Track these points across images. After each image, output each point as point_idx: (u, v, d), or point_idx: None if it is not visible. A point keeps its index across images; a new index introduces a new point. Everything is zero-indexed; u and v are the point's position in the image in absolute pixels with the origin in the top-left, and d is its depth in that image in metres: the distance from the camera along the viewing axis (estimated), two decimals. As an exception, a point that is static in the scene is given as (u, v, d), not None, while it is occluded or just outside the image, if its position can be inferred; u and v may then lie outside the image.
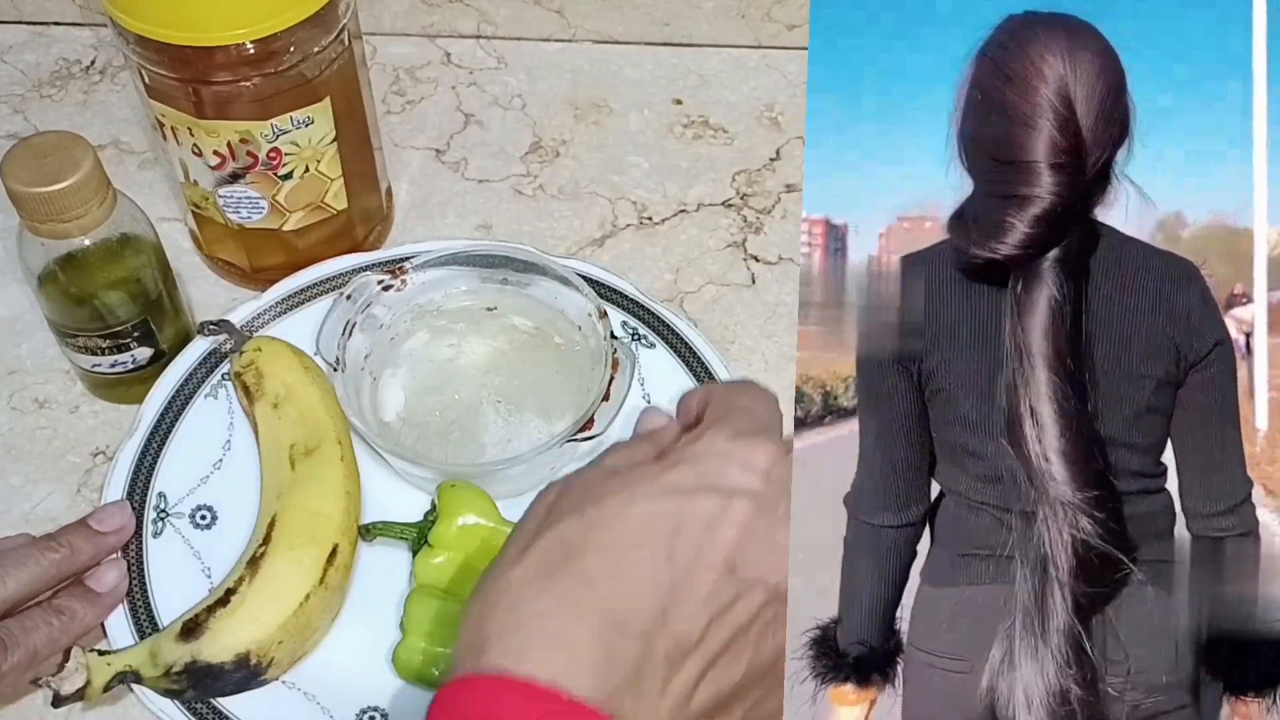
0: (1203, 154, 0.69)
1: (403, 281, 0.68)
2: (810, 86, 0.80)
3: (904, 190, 0.72)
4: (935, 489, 0.61)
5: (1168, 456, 0.59)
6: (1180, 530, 0.59)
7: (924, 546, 0.60)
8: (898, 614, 0.58)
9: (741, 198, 0.80)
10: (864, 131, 0.77)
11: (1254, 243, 0.67)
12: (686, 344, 0.70)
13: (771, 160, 0.82)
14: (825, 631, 0.56)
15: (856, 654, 0.56)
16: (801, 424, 0.68)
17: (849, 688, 0.56)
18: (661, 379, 0.69)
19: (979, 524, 0.59)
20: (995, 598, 0.57)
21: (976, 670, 0.56)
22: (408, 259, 0.69)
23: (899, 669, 0.57)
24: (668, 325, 0.70)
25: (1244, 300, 0.65)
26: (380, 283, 0.67)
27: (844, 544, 0.59)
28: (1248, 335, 0.63)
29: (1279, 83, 0.73)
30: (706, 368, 0.69)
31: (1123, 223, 0.61)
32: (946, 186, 0.72)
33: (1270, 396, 0.62)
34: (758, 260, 0.77)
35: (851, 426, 0.64)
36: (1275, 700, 0.54)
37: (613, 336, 0.65)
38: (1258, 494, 0.60)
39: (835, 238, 0.74)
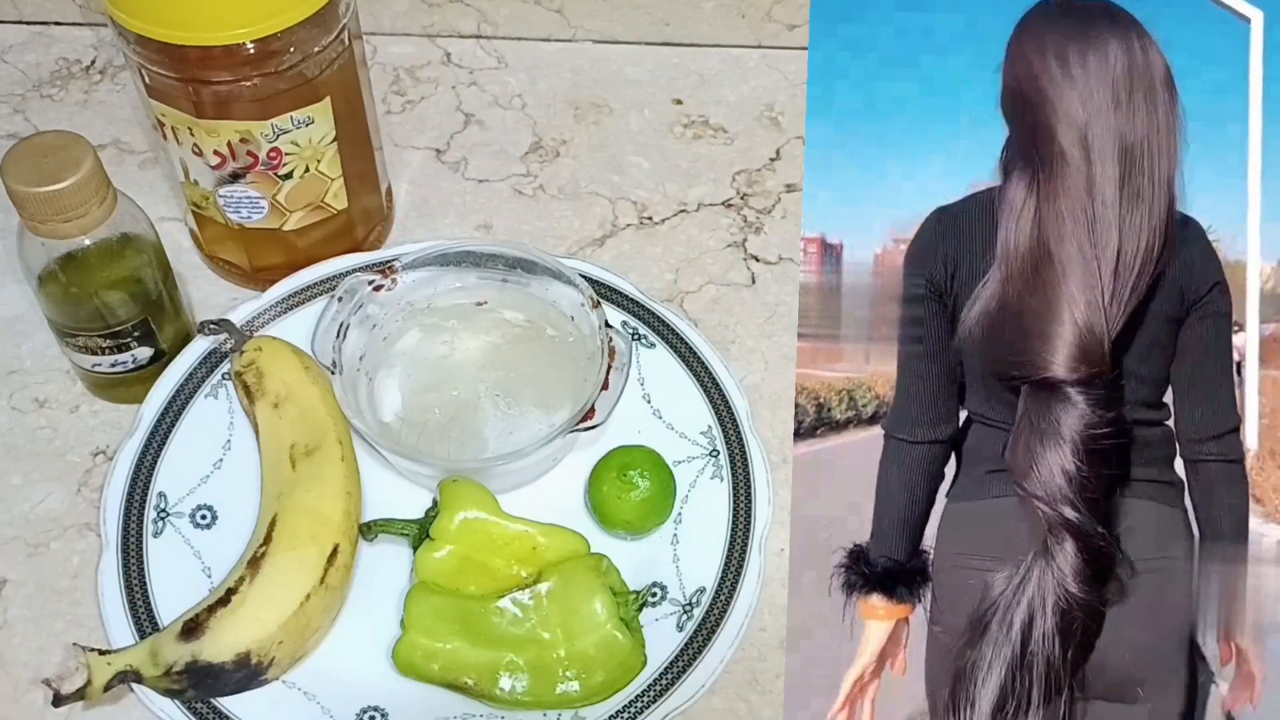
0: (1199, 188, 0.73)
1: (393, 280, 0.67)
2: (810, 105, 0.82)
3: (899, 211, 0.75)
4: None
5: (1167, 398, 0.66)
6: (1180, 461, 0.65)
7: (949, 474, 0.66)
8: (924, 538, 0.64)
9: (741, 198, 0.80)
10: (860, 153, 0.80)
11: (1247, 276, 0.70)
12: (686, 344, 0.70)
13: (771, 160, 0.82)
14: (858, 549, 0.62)
15: (885, 566, 0.62)
16: (795, 432, 0.69)
17: (877, 599, 0.61)
18: (661, 379, 0.69)
19: (1001, 445, 0.65)
20: (1013, 506, 0.63)
21: (996, 569, 0.62)
22: (398, 258, 0.69)
23: (925, 590, 0.62)
24: (668, 325, 0.70)
25: (1236, 328, 0.69)
26: (371, 283, 0.67)
27: (879, 464, 0.65)
28: (1239, 363, 0.69)
29: (1273, 122, 0.76)
30: (706, 368, 0.69)
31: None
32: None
33: (1262, 423, 0.67)
34: (758, 260, 0.77)
35: (844, 439, 0.69)
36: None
37: (607, 325, 0.65)
38: (1250, 502, 0.65)
39: (830, 256, 0.76)
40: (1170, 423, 0.66)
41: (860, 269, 0.74)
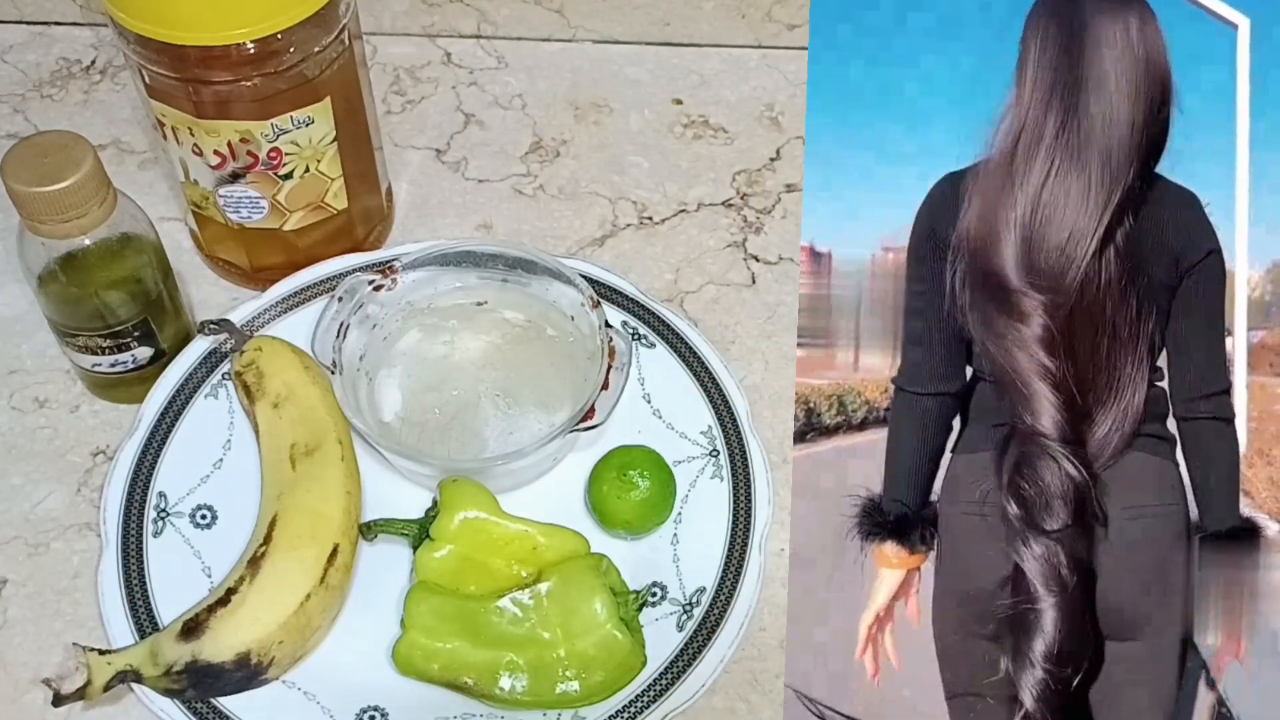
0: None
1: (394, 280, 0.67)
2: (809, 105, 0.82)
3: (897, 211, 0.77)
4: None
5: (1161, 361, 0.69)
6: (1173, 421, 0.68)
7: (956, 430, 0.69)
8: (934, 489, 0.66)
9: (741, 198, 0.80)
10: (860, 153, 0.81)
11: (1235, 284, 0.72)
12: (686, 344, 0.70)
13: (771, 160, 0.82)
14: (872, 500, 0.66)
15: (897, 514, 0.66)
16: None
17: (891, 547, 0.65)
18: (662, 379, 0.69)
19: (1005, 401, 0.68)
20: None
21: (997, 516, 0.65)
22: (398, 258, 0.69)
23: (936, 538, 0.65)
24: (668, 325, 0.70)
25: (1226, 334, 0.72)
26: (371, 282, 0.67)
27: (890, 417, 0.68)
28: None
29: (1260, 128, 0.76)
30: (706, 368, 0.69)
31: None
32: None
33: (1250, 426, 0.69)
34: (758, 260, 0.77)
35: (834, 443, 0.70)
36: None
37: (607, 325, 0.65)
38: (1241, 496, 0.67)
39: (819, 264, 0.78)
40: (1163, 384, 0.69)
41: (850, 276, 0.75)
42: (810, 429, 0.70)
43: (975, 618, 0.63)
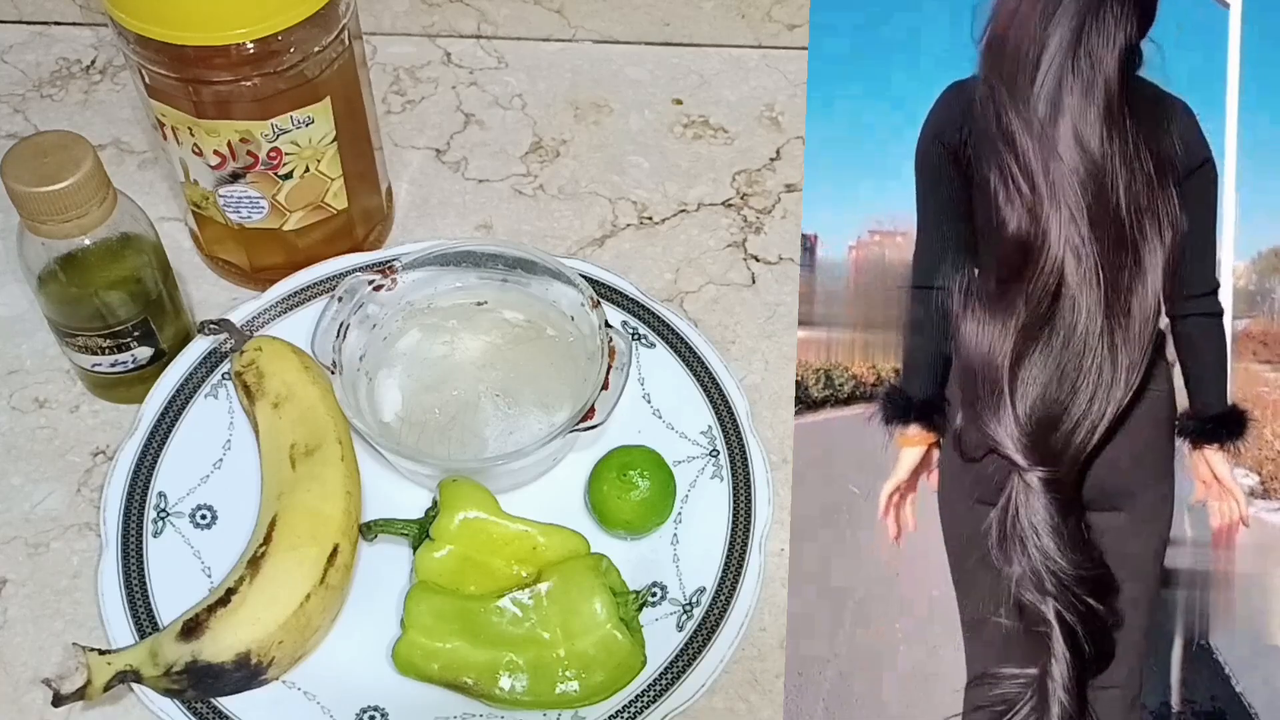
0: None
1: (393, 280, 0.67)
2: (809, 105, 0.82)
3: (876, 204, 0.77)
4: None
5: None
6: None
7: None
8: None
9: (741, 198, 0.81)
10: (860, 153, 0.81)
11: (1220, 273, 0.72)
12: (686, 344, 0.70)
13: (771, 160, 0.82)
14: (893, 387, 0.71)
15: (921, 399, 0.71)
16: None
17: (913, 429, 0.70)
18: (661, 379, 0.69)
19: None
20: None
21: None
22: (398, 258, 0.69)
23: (946, 423, 0.70)
24: (668, 325, 0.70)
25: None
26: (371, 283, 0.67)
27: (908, 314, 0.73)
28: None
29: (1248, 123, 0.77)
30: (706, 368, 0.69)
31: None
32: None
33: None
34: (758, 260, 0.77)
35: (821, 416, 0.72)
36: (1230, 449, 0.69)
37: (607, 325, 0.65)
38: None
39: (804, 248, 0.78)
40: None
41: (839, 258, 0.76)
42: (797, 401, 0.71)
43: (976, 482, 0.67)
